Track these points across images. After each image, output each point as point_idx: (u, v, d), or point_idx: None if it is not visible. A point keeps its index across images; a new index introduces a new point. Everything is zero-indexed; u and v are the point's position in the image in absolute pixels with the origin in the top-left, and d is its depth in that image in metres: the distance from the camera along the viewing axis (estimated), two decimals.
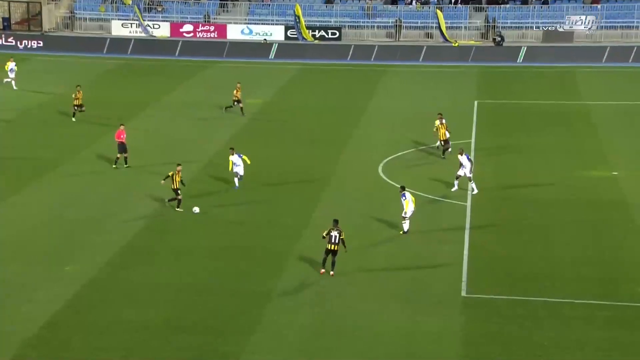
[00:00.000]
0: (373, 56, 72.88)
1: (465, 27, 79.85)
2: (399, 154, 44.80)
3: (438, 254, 32.00)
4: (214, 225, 34.61)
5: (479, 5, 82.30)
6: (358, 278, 30.03)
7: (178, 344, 25.55)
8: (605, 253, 32.18)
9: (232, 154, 38.45)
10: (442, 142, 43.21)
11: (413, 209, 32.97)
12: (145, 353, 25.03)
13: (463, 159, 37.18)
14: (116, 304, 27.98)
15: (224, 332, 26.27)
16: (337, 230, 28.50)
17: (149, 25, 79.09)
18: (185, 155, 43.81)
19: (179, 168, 35.42)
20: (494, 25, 78.92)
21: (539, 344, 25.58)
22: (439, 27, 78.03)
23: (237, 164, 38.35)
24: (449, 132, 43.34)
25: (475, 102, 56.87)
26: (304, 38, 77.89)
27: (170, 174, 35.26)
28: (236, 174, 38.46)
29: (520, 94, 59.18)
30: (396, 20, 79.74)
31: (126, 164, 41.80)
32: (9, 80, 58.65)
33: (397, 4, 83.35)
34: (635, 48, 71.62)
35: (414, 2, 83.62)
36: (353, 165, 42.39)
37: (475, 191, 36.77)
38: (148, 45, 75.94)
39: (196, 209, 33.98)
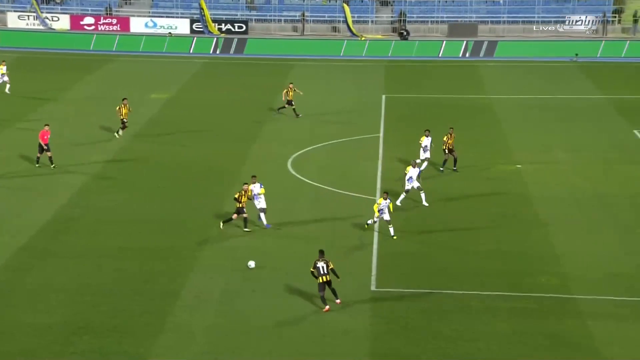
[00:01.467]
0: (279, 50, 72.65)
1: (373, 22, 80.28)
2: (308, 148, 45.01)
3: (348, 249, 32.14)
4: (119, 225, 34.29)
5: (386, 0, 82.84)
6: (266, 276, 30.03)
7: (82, 346, 25.25)
8: (510, 246, 32.66)
9: (253, 182, 33.55)
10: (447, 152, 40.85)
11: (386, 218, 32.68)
12: (48, 356, 24.74)
13: (415, 171, 36.17)
14: (15, 307, 27.52)
15: (130, 333, 25.99)
16: (323, 260, 27.25)
17: (47, 18, 77.47)
18: (87, 153, 43.39)
19: (245, 187, 33.24)
20: (401, 20, 79.50)
21: (445, 336, 25.97)
22: (346, 21, 78.24)
23: (258, 195, 33.28)
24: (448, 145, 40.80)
25: (383, 97, 57.32)
26: (209, 31, 77.34)
27: (236, 195, 33.10)
28: (260, 210, 33.44)
29: (427, 88, 59.89)
30: (302, 14, 79.67)
31: (52, 163, 41.06)
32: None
33: None
34: (536, 43, 73.51)
35: None
36: (262, 161, 42.25)
37: (425, 204, 36.02)
38: (47, 38, 74.03)
39: (251, 264, 30.23)
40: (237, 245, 32.42)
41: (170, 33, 76.64)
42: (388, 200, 32.27)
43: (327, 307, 27.26)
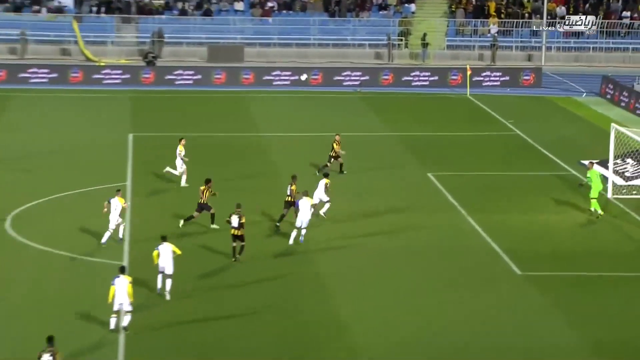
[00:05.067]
0: None
1: (113, 43, 78.30)
2: (31, 204, 43.07)
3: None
4: None
5: (128, 16, 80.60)
6: None
7: None
8: (288, 314, 32.58)
9: (162, 243, 33.26)
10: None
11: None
12: None
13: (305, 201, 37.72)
14: None
15: None
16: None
17: None
18: None
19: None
20: (153, 40, 78.07)
21: None
22: (77, 42, 75.61)
23: (165, 256, 32.82)
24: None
25: (130, 136, 56.04)
26: None
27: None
28: (162, 271, 32.93)
29: (182, 124, 58.89)
30: (22, 32, 76.78)
31: None
32: None
33: (21, 12, 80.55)
34: (313, 69, 73.91)
35: (43, 9, 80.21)
36: None
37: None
38: None
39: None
40: None
41: None
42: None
43: None
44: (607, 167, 46.64)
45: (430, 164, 51.24)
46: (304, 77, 69.51)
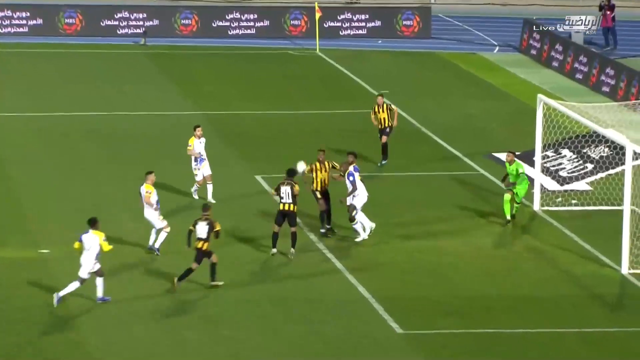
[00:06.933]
0: None
1: None
2: None
3: None
4: None
5: None
6: None
7: None
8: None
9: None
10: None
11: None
12: None
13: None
14: None
15: None
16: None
17: None
18: None
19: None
20: None
21: None
22: None
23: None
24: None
25: None
26: None
27: None
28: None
29: None
30: None
31: None
32: None
33: None
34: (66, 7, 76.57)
35: None
36: None
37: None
38: None
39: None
40: None
41: None
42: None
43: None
44: (532, 164, 46.84)
45: (259, 162, 51.60)
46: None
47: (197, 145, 46.31)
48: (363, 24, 74.32)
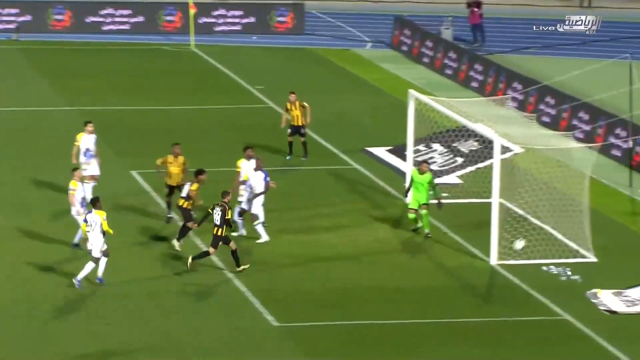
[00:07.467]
0: None
1: None
2: None
3: None
4: None
5: None
6: None
7: None
8: None
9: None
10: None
11: None
12: None
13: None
14: None
15: None
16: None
17: None
18: None
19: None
20: None
21: None
22: None
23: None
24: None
25: None
26: None
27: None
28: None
29: None
30: None
31: None
32: None
33: None
34: None
35: None
36: None
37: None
38: None
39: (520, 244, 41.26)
40: None
41: None
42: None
43: None
44: (404, 158, 47.31)
45: (135, 157, 51.52)
46: None
47: (86, 140, 45.61)
48: (237, 20, 74.56)
